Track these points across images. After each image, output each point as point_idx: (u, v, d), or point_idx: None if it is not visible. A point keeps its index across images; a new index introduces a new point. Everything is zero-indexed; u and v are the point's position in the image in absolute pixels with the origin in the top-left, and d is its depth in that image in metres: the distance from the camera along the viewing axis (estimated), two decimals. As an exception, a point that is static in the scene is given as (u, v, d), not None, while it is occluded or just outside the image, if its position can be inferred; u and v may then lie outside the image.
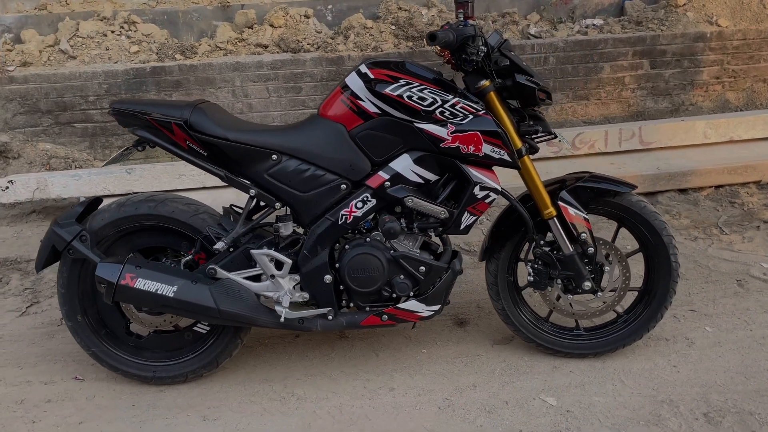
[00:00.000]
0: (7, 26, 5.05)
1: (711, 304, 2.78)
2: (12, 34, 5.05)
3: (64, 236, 2.17)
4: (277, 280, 2.18)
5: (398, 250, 2.18)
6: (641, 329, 2.37)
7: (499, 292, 2.40)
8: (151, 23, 5.10)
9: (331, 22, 5.29)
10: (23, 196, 3.73)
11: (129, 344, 2.38)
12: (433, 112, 2.04)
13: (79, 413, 2.27)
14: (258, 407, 2.27)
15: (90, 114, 4.44)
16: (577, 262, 2.25)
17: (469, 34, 1.98)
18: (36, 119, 4.42)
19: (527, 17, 5.56)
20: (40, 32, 5.01)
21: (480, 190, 2.12)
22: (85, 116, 4.43)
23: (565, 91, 4.82)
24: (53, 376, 2.50)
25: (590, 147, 3.96)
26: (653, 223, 2.25)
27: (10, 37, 5.02)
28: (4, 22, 5.04)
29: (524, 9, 5.66)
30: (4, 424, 2.23)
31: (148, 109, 2.11)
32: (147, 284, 2.07)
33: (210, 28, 5.24)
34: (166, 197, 2.25)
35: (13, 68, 4.41)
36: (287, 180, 2.15)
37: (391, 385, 2.36)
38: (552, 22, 5.60)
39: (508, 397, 2.26)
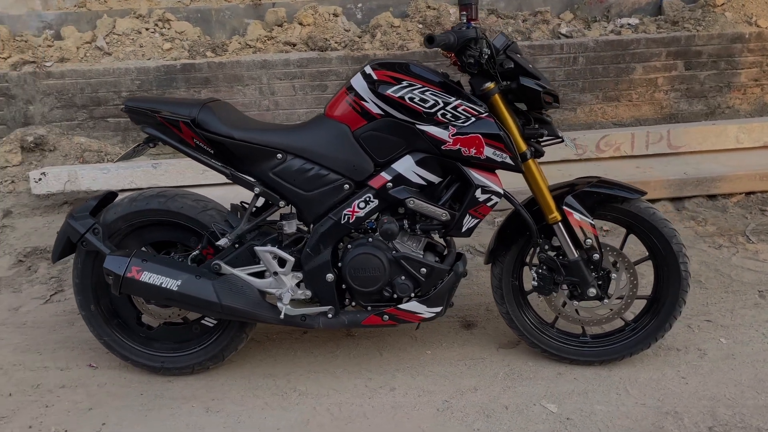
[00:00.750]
0: (48, 23, 5.24)
1: (728, 315, 2.70)
2: (53, 30, 5.23)
3: (78, 228, 2.25)
4: (279, 277, 2.22)
5: (400, 251, 2.19)
6: (649, 338, 2.32)
7: (504, 296, 2.39)
8: (185, 21, 5.21)
9: (361, 21, 5.31)
10: (55, 187, 3.87)
11: (140, 335, 2.45)
12: (435, 114, 2.04)
13: (89, 399, 2.36)
14: (260, 401, 2.31)
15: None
16: (582, 268, 2.22)
17: (470, 36, 1.96)
18: (71, 113, 4.57)
19: (560, 16, 5.48)
20: (79, 29, 5.18)
21: (482, 193, 2.11)
22: (117, 111, 4.56)
23: (594, 92, 4.73)
24: (69, 362, 2.59)
25: (616, 150, 3.88)
26: (662, 231, 2.20)
27: (51, 33, 5.20)
28: (45, 19, 5.23)
29: (557, 8, 5.57)
30: (19, 407, 2.32)
31: (158, 107, 2.16)
32: (152, 277, 2.13)
33: (242, 26, 5.32)
34: (176, 193, 2.31)
35: (50, 64, 4.57)
36: (292, 179, 2.18)
37: (393, 385, 2.37)
38: (586, 21, 5.49)
39: (508, 402, 2.24)
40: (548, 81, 2.13)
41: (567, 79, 4.68)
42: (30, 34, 5.14)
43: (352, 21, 5.24)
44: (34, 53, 4.79)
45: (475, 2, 2.05)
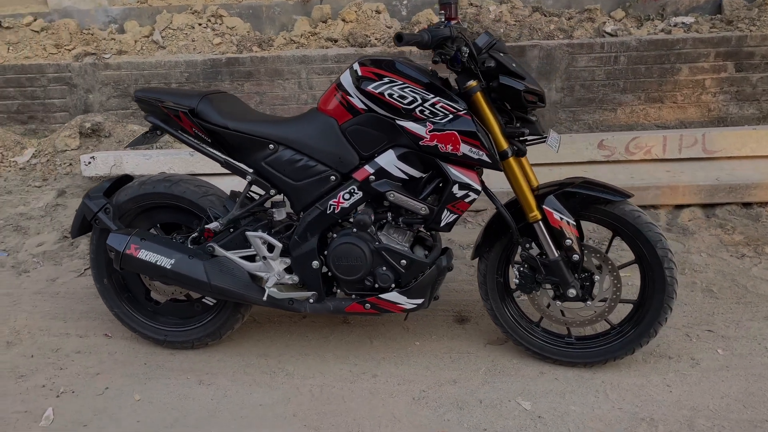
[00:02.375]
0: (113, 17, 5.61)
1: (733, 326, 2.61)
2: (117, 24, 5.60)
3: (92, 208, 2.46)
4: (268, 261, 2.34)
5: (382, 242, 2.26)
6: (633, 344, 2.28)
7: (488, 292, 2.41)
8: (237, 17, 5.45)
9: (405, 17, 5.38)
10: (102, 170, 4.17)
11: (147, 309, 2.64)
12: (413, 110, 2.09)
13: (99, 365, 2.56)
14: (249, 378, 2.44)
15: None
16: (562, 269, 2.22)
17: (445, 35, 2.00)
18: (126, 102, 4.89)
19: (611, 14, 5.34)
20: (140, 23, 5.51)
21: (459, 189, 2.14)
22: (167, 101, 4.83)
23: (636, 92, 4.59)
24: (88, 330, 2.82)
25: (646, 153, 3.78)
26: (647, 235, 2.16)
27: (116, 27, 5.57)
28: (111, 14, 5.60)
29: (608, 5, 5.44)
30: (38, 367, 2.56)
31: (162, 98, 2.33)
32: (148, 255, 2.30)
33: (290, 22, 5.50)
34: (181, 178, 2.47)
35: (108, 56, 4.90)
36: (282, 168, 2.29)
37: (375, 372, 2.44)
38: (639, 19, 5.34)
39: (483, 396, 2.27)
40: (534, 81, 2.14)
41: (607, 78, 4.57)
42: (96, 28, 5.52)
43: (395, 18, 5.32)
44: (97, 46, 5.15)
45: (454, 1, 2.09)
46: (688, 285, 2.94)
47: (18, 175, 4.65)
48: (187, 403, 2.32)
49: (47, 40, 5.16)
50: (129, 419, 2.24)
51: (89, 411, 2.29)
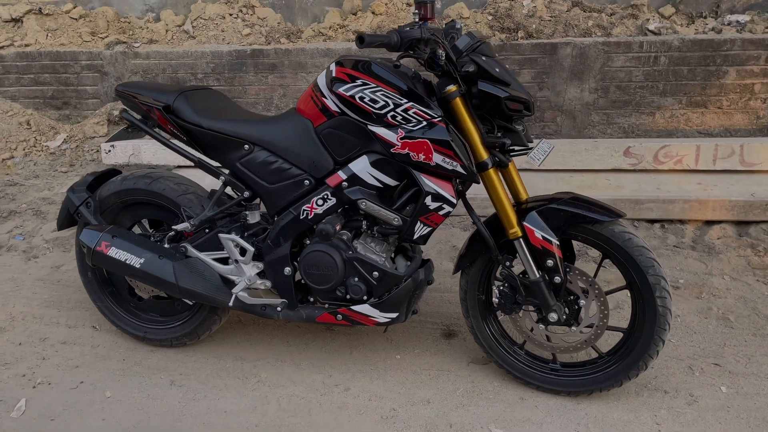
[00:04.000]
0: (151, 6, 5.67)
1: (744, 362, 2.37)
2: (154, 13, 5.66)
3: (74, 201, 2.45)
4: (240, 265, 2.27)
5: (355, 252, 2.15)
6: (620, 375, 2.10)
7: (469, 309, 2.27)
8: (269, 8, 5.41)
9: (438, 10, 5.20)
10: (121, 159, 4.22)
11: (130, 304, 2.63)
12: (385, 115, 1.97)
13: (79, 358, 2.57)
14: (220, 382, 2.39)
15: (198, 90, 4.85)
16: (542, 290, 2.05)
17: (415, 36, 1.86)
18: (154, 91, 4.93)
19: (659, 10, 5.01)
20: (175, 12, 5.55)
21: (432, 201, 2.01)
22: (193, 91, 4.85)
23: (677, 96, 4.29)
24: (78, 321, 2.84)
25: (677, 162, 3.52)
26: (638, 260, 1.97)
27: (153, 16, 5.63)
28: (148, 3, 5.66)
29: (657, 1, 5.11)
30: (23, 356, 2.59)
31: (141, 93, 2.29)
32: (118, 253, 2.27)
33: (322, 14, 5.42)
34: (162, 175, 2.43)
35: (138, 45, 4.96)
36: (256, 170, 2.22)
37: (348, 385, 2.35)
38: (690, 16, 4.99)
39: (455, 420, 2.14)
40: (521, 88, 1.97)
41: (646, 80, 4.29)
42: (134, 16, 5.60)
43: (428, 11, 5.15)
44: (132, 34, 5.22)
45: (430, 1, 1.94)
46: (702, 311, 2.70)
47: (48, 159, 4.77)
48: (154, 404, 2.28)
49: (84, 27, 5.26)
50: (95, 416, 2.22)
51: (60, 405, 2.29)
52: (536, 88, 4.42)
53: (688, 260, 3.07)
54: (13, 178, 4.55)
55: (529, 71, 4.38)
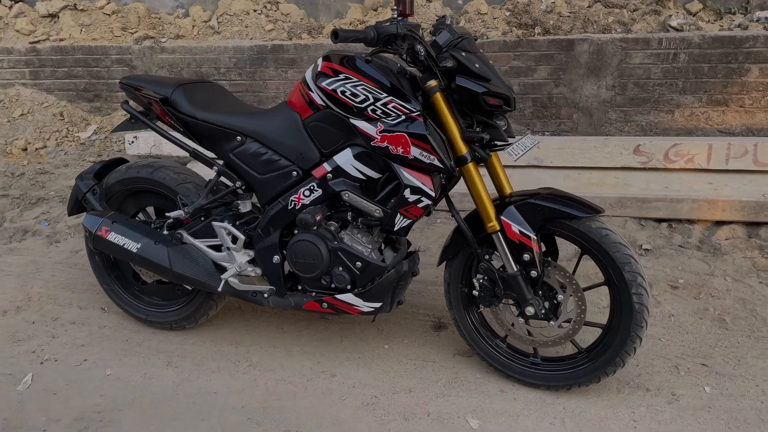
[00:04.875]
0: (181, 2, 5.83)
1: (733, 363, 2.34)
2: (184, 9, 5.82)
3: (82, 188, 2.58)
4: (231, 252, 2.36)
5: (341, 242, 2.21)
6: (598, 371, 2.10)
7: (452, 302, 2.31)
8: (293, 4, 5.50)
9: (461, 6, 5.21)
10: (143, 150, 4.38)
11: (134, 288, 2.75)
12: (365, 109, 2.02)
13: (86, 337, 2.70)
14: (214, 364, 2.49)
15: (221, 84, 4.99)
16: (520, 284, 2.07)
17: (391, 32, 1.90)
18: (179, 85, 5.08)
19: (686, 6, 4.91)
20: (204, 8, 5.70)
21: (411, 194, 2.05)
22: (217, 85, 4.99)
23: (697, 93, 4.20)
24: (89, 303, 2.98)
25: (688, 161, 3.46)
26: (614, 256, 1.97)
27: (183, 12, 5.79)
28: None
29: (685, -4, 5.00)
30: (34, 334, 2.74)
31: (142, 85, 2.39)
32: (117, 238, 2.39)
33: (345, 10, 5.49)
34: (163, 164, 2.54)
35: (165, 39, 5.11)
36: (248, 161, 2.30)
37: (335, 372, 2.41)
38: (718, 12, 4.88)
39: (433, 410, 2.18)
40: (503, 83, 1.99)
41: (665, 77, 4.21)
42: (164, 12, 5.77)
43: (449, 6, 5.17)
44: (162, 29, 5.39)
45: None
46: (698, 311, 2.67)
47: (78, 149, 4.98)
48: (150, 383, 2.39)
49: (116, 23, 5.45)
50: (94, 392, 2.35)
51: (63, 380, 2.42)
52: (552, 85, 4.39)
53: (691, 260, 3.03)
54: (45, 166, 4.77)
55: (545, 68, 4.36)
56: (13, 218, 4.02)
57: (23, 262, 3.42)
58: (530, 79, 4.41)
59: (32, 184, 4.48)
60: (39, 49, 5.28)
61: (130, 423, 2.18)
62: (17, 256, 3.51)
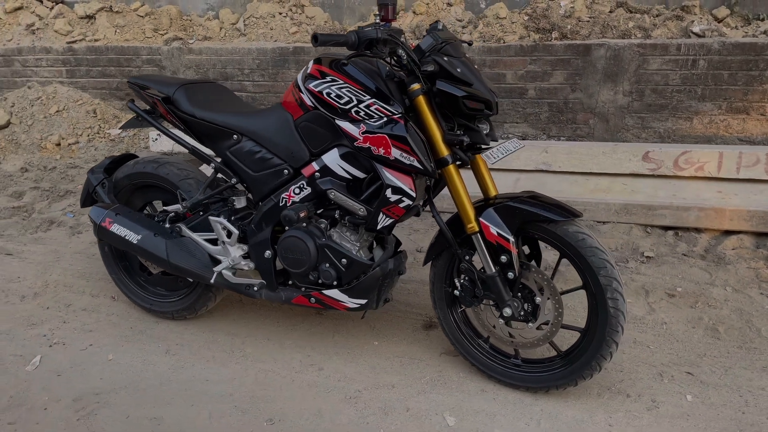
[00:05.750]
0: (211, 5, 6.01)
1: (720, 373, 2.32)
2: (214, 11, 6.00)
3: (92, 181, 2.72)
4: (226, 246, 2.45)
5: (326, 240, 2.28)
6: (574, 374, 2.12)
7: (436, 301, 2.35)
8: (318, 7, 5.62)
9: (482, 10, 5.23)
10: (166, 147, 4.54)
11: (140, 278, 2.87)
12: (349, 110, 2.08)
13: (95, 323, 2.84)
14: (209, 354, 2.59)
15: (244, 84, 5.14)
16: (498, 285, 2.10)
17: (371, 36, 1.96)
18: (205, 85, 5.25)
19: (712, 12, 4.82)
20: (233, 11, 5.87)
21: (392, 194, 2.10)
22: (240, 86, 5.14)
23: (716, 101, 4.13)
24: (101, 291, 3.12)
25: (698, 169, 3.41)
26: (590, 260, 1.98)
27: (213, 14, 5.97)
28: (209, 2, 6.01)
29: (711, 2, 4.91)
30: (47, 318, 2.89)
31: (148, 85, 2.51)
32: (119, 229, 2.51)
33: (369, 13, 5.57)
34: (168, 161, 2.66)
35: (192, 41, 5.29)
36: (243, 159, 2.39)
37: (323, 365, 2.48)
38: (746, 18, 4.78)
39: (413, 406, 2.23)
40: (485, 88, 2.02)
41: (683, 84, 4.15)
42: (196, 14, 5.96)
43: (471, 10, 5.20)
44: (193, 31, 5.57)
45: (392, 2, 2.03)
46: (692, 320, 2.64)
47: (108, 145, 5.19)
48: (147, 368, 2.51)
49: (148, 24, 5.66)
50: (95, 375, 2.47)
51: (68, 363, 2.56)
52: (569, 90, 4.38)
53: (692, 269, 2.99)
54: (75, 161, 4.99)
55: (562, 72, 4.35)
56: (41, 209, 4.23)
57: (45, 251, 3.60)
58: (546, 84, 4.41)
59: (62, 177, 4.70)
60: (75, 49, 5.52)
61: (124, 405, 2.29)
62: (40, 245, 3.69)
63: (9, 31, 5.85)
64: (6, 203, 4.32)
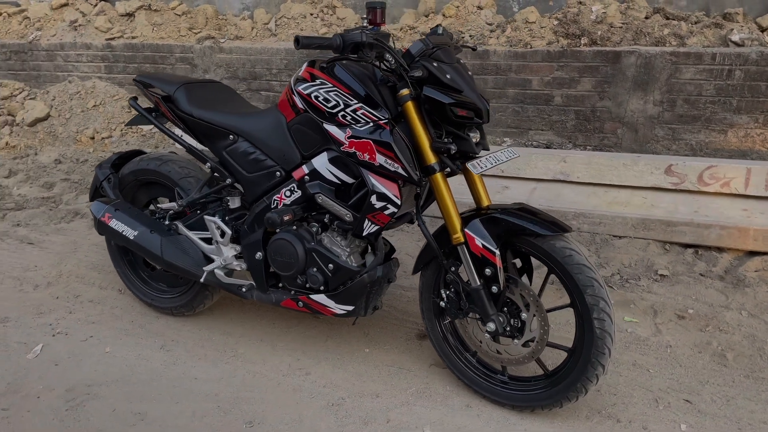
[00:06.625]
0: (247, 5, 6.09)
1: (721, 402, 2.19)
2: (249, 11, 6.08)
3: (99, 177, 2.77)
4: (219, 246, 2.46)
5: (315, 244, 2.26)
6: (559, 395, 2.03)
7: (424, 311, 2.30)
8: (350, 8, 5.62)
9: (515, 13, 5.13)
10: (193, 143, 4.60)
11: (143, 273, 2.92)
12: (336, 114, 2.06)
13: (98, 315, 2.90)
14: (202, 352, 2.61)
15: (272, 84, 5.18)
16: (482, 298, 2.04)
17: (356, 40, 1.92)
18: (234, 84, 5.32)
19: (756, 20, 4.60)
20: (267, 11, 5.93)
21: (377, 200, 2.07)
22: (268, 86, 5.18)
23: (753, 113, 3.92)
24: (110, 284, 3.19)
25: (724, 185, 3.24)
26: (576, 278, 1.90)
27: (248, 14, 6.05)
28: (245, 1, 6.09)
29: (756, 9, 4.68)
30: (55, 307, 2.97)
31: (152, 83, 2.54)
32: (117, 224, 2.55)
33: (400, 15, 5.54)
34: (171, 158, 2.69)
35: (224, 40, 5.36)
36: (238, 159, 2.39)
37: (311, 370, 2.46)
38: (794, 27, 4.53)
39: (394, 417, 2.19)
40: (476, 95, 1.96)
41: (718, 94, 3.97)
42: (231, 14, 6.05)
43: (502, 14, 5.10)
44: (227, 30, 5.65)
45: (381, 6, 2.00)
46: (699, 344, 2.51)
47: (138, 140, 5.31)
48: (140, 363, 2.54)
49: (184, 23, 5.77)
50: (90, 367, 2.52)
51: (66, 353, 2.61)
52: (596, 98, 4.24)
53: (708, 290, 2.85)
54: (107, 155, 5.12)
55: (590, 80, 4.22)
56: (68, 201, 4.35)
57: (65, 242, 3.70)
58: (573, 91, 4.29)
59: (92, 170, 4.83)
60: (113, 46, 5.68)
61: (113, 398, 2.32)
62: (61, 235, 3.80)
63: (53, 27, 6.06)
64: (36, 193, 4.47)
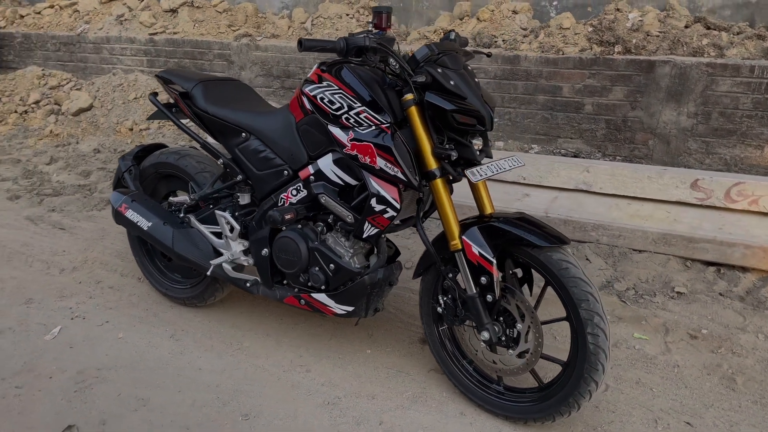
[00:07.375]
0: (286, 4, 6.18)
1: (724, 427, 2.12)
2: (288, 10, 6.17)
3: (122, 168, 2.87)
4: (228, 240, 2.51)
5: (318, 244, 2.28)
6: (551, 409, 2.01)
7: (423, 316, 2.30)
8: (387, 9, 5.63)
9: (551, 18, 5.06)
10: (221, 139, 4.70)
11: (160, 263, 3.00)
12: (340, 116, 2.08)
13: (116, 302, 3.00)
14: (209, 343, 2.67)
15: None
16: (477, 307, 2.03)
17: (359, 44, 1.93)
18: (269, 81, 5.41)
19: (805, 32, 4.42)
20: (306, 11, 6.00)
21: (377, 203, 2.08)
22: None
23: (792, 130, 3.78)
24: (131, 272, 3.29)
25: (752, 203, 3.13)
26: (571, 291, 1.87)
27: (287, 13, 6.14)
28: (284, 1, 6.18)
29: (806, 22, 4.50)
30: (77, 292, 3.08)
31: (172, 79, 2.62)
32: (133, 215, 2.63)
33: (436, 18, 5.53)
34: (188, 153, 2.76)
35: (260, 38, 5.45)
36: (249, 157, 2.44)
37: (311, 367, 2.49)
38: None
39: (387, 420, 2.20)
40: (479, 103, 1.94)
41: (755, 108, 3.83)
42: (271, 12, 6.15)
43: (538, 19, 5.04)
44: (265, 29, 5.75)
45: (387, 11, 2.00)
46: (709, 366, 2.43)
47: (174, 133, 5.45)
48: (150, 351, 2.62)
49: (224, 20, 5.90)
50: (102, 351, 2.61)
51: (81, 336, 2.71)
52: (628, 107, 4.15)
53: (726, 310, 2.75)
54: (143, 146, 5.27)
55: (622, 89, 4.13)
56: (102, 190, 4.51)
57: (94, 229, 3.84)
58: (604, 100, 4.20)
59: (127, 160, 4.98)
60: (156, 41, 5.84)
61: (120, 383, 2.40)
62: (92, 222, 3.94)
63: (101, 21, 6.28)
64: (74, 180, 4.65)
